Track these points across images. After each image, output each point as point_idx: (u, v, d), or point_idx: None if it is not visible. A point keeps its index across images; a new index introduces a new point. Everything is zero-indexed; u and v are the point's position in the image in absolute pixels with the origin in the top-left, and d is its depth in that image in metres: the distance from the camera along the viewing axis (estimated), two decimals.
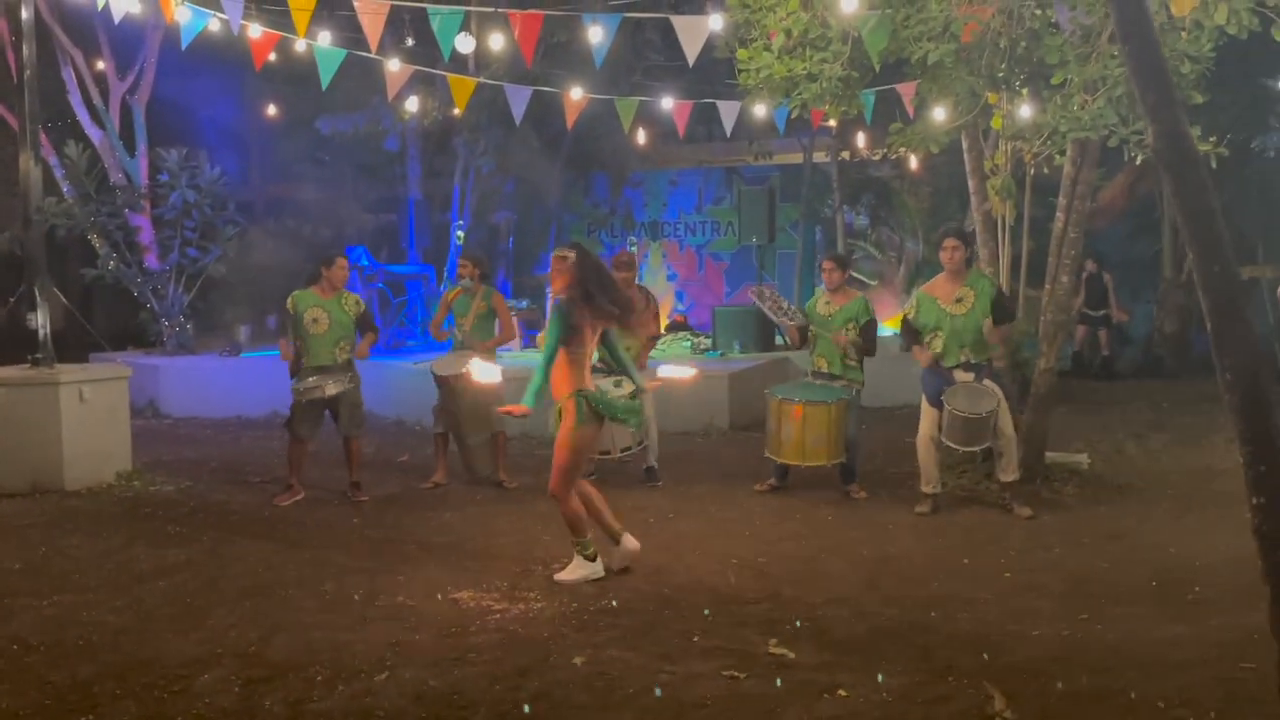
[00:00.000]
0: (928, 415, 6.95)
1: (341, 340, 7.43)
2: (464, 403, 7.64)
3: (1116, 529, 6.45)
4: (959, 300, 6.79)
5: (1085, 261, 12.98)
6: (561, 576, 5.51)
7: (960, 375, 6.81)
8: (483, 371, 6.51)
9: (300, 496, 7.49)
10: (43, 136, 12.48)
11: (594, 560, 5.54)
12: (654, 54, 14.20)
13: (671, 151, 16.53)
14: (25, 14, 7.94)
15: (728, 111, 8.55)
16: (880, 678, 4.08)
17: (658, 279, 18.15)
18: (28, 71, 8.07)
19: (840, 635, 4.64)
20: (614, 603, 5.15)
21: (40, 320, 8.14)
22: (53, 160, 12.60)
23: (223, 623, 4.91)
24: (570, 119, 8.71)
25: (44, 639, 4.70)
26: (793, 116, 6.84)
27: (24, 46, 8.04)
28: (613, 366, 7.82)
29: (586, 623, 4.87)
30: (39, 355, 8.09)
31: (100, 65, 12.99)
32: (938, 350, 6.83)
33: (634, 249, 17.21)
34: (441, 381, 7.68)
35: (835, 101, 6.51)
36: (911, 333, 7.01)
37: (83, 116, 12.98)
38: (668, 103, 8.81)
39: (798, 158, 16.32)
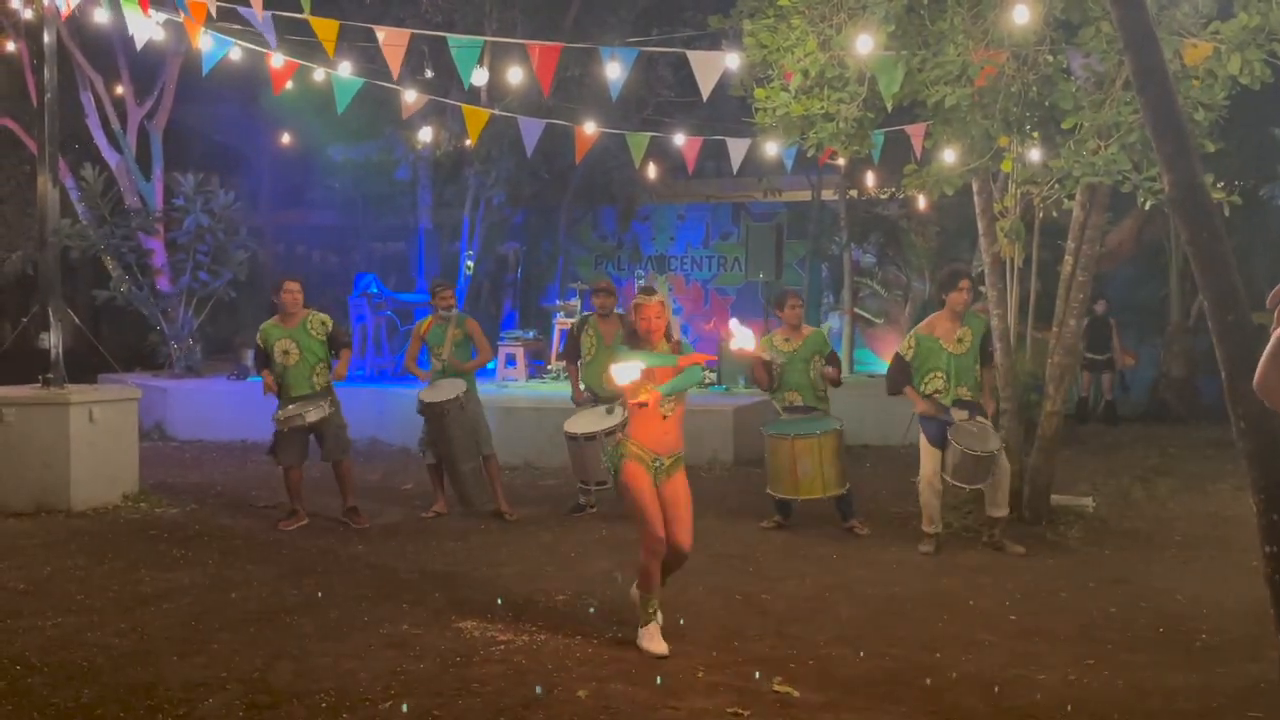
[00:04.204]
0: (930, 455, 6.94)
1: (316, 366, 7.43)
2: (452, 429, 7.59)
3: (1122, 573, 6.43)
4: (959, 340, 6.85)
5: (1096, 302, 13.01)
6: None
7: (956, 414, 6.83)
8: (623, 372, 5.48)
9: (304, 521, 7.49)
10: (60, 159, 12.64)
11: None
12: (666, 89, 14.33)
13: (680, 186, 16.65)
14: (47, 38, 8.05)
15: (737, 148, 8.62)
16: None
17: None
18: (48, 95, 8.16)
19: (844, 674, 4.62)
20: (616, 636, 5.13)
21: (52, 340, 8.17)
22: (69, 182, 12.71)
23: (226, 648, 4.90)
24: (580, 153, 8.78)
25: (47, 660, 4.69)
26: (809, 156, 6.89)
27: (45, 70, 8.14)
28: (600, 395, 7.86)
29: (591, 656, 4.85)
30: (50, 375, 8.13)
31: (119, 90, 13.13)
32: (937, 388, 6.84)
33: (644, 281, 17.28)
34: (429, 410, 7.63)
35: (848, 142, 6.57)
36: (905, 373, 6.99)
37: (100, 140, 13.12)
38: (679, 138, 8.89)
39: (806, 195, 16.43)
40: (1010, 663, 4.78)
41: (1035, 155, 6.84)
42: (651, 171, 12.95)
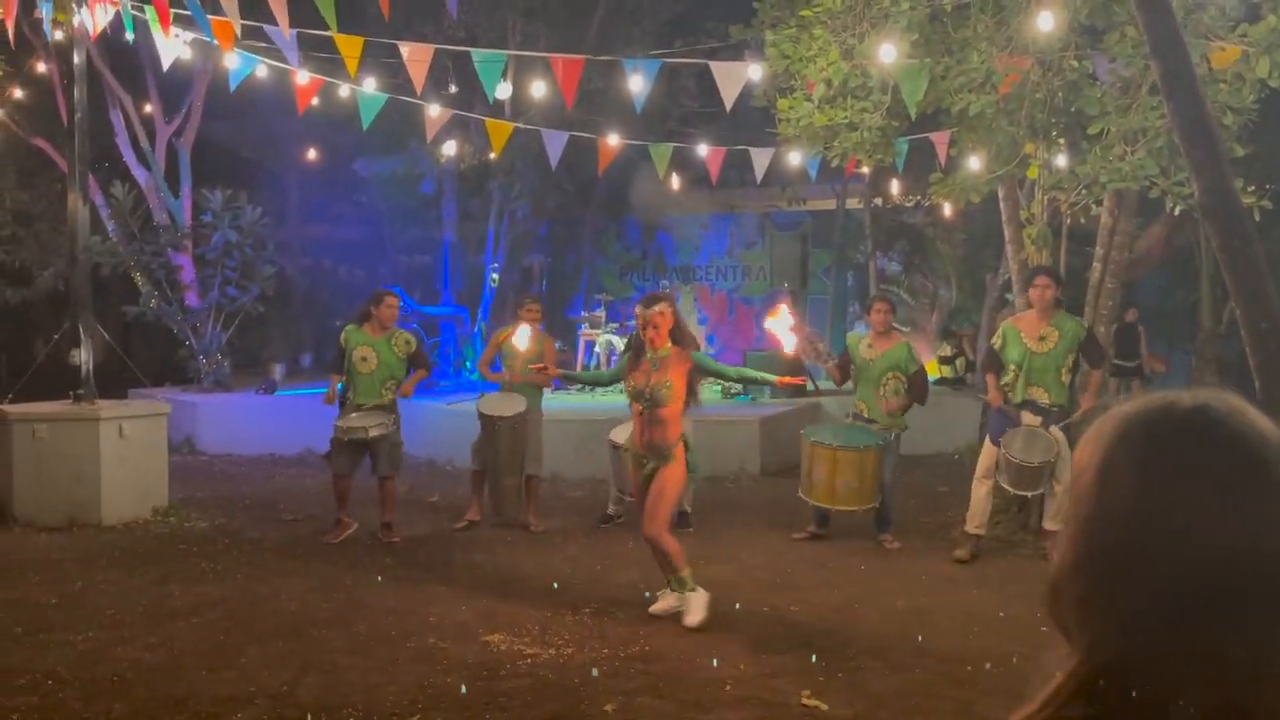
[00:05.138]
0: (986, 453, 6.85)
1: (388, 380, 7.50)
2: (503, 444, 7.63)
3: None
4: (1042, 338, 6.67)
5: (1127, 310, 12.86)
6: (693, 620, 5.43)
7: (1028, 417, 6.70)
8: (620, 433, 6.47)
9: (352, 529, 7.53)
10: (91, 177, 12.83)
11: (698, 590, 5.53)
12: (689, 100, 14.33)
13: (704, 196, 16.64)
14: (77, 58, 8.16)
15: (760, 158, 8.60)
16: None
17: (689, 322, 18.17)
18: (78, 115, 8.27)
19: (874, 688, 4.57)
20: (645, 649, 5.11)
21: (83, 357, 8.26)
22: (99, 200, 12.87)
23: (255, 662, 4.92)
24: (603, 165, 8.79)
25: (78, 675, 4.73)
26: (832, 166, 6.87)
27: (75, 90, 8.25)
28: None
29: (618, 669, 4.83)
30: (81, 391, 8.21)
31: (148, 108, 13.30)
32: (1009, 381, 6.75)
33: (666, 290, 17.26)
34: (487, 421, 7.68)
35: (873, 151, 6.54)
36: (991, 361, 6.93)
37: (130, 158, 13.28)
38: (702, 149, 8.89)
39: (831, 204, 16.37)
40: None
41: (1062, 161, 6.77)
42: (675, 182, 12.94)
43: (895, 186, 14.67)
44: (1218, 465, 0.88)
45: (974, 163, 6.84)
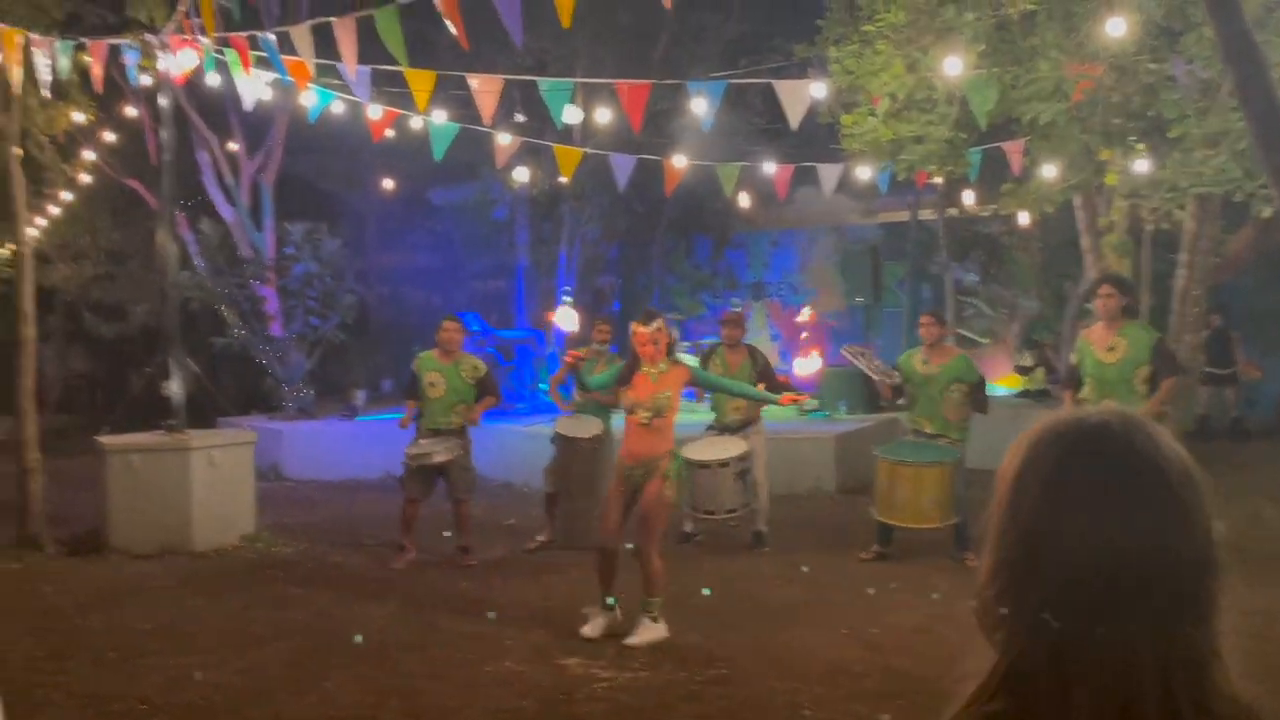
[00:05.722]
0: None
1: (457, 405, 7.62)
2: (578, 466, 7.69)
3: (1253, 601, 6.07)
4: (1111, 349, 6.49)
5: (1211, 315, 12.44)
6: (637, 641, 5.56)
7: None
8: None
9: (412, 556, 7.64)
10: (180, 214, 13.32)
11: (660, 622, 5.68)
12: (756, 117, 14.32)
13: (773, 212, 16.55)
14: (164, 102, 8.49)
15: (828, 174, 8.54)
16: None
17: (761, 339, 18.10)
18: (166, 156, 8.60)
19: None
20: (722, 672, 5.08)
21: (173, 389, 8.55)
22: (188, 236, 13.36)
23: (338, 686, 5.02)
24: (670, 186, 8.83)
25: (169, 699, 4.88)
26: (899, 179, 6.79)
27: (163, 132, 8.58)
28: (725, 424, 7.87)
29: (694, 692, 4.81)
30: (173, 422, 8.49)
31: (233, 146, 13.77)
32: (1086, 396, 6.58)
33: (738, 309, 17.19)
34: (566, 443, 7.74)
35: (941, 163, 6.45)
36: (1072, 379, 6.77)
37: (215, 195, 13.77)
38: (769, 167, 8.86)
39: (903, 215, 16.16)
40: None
41: (1141, 167, 6.59)
42: (744, 199, 12.91)
43: (970, 196, 14.44)
44: (1112, 477, 0.97)
45: (1048, 171, 6.69)
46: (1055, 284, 14.09)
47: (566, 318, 13.73)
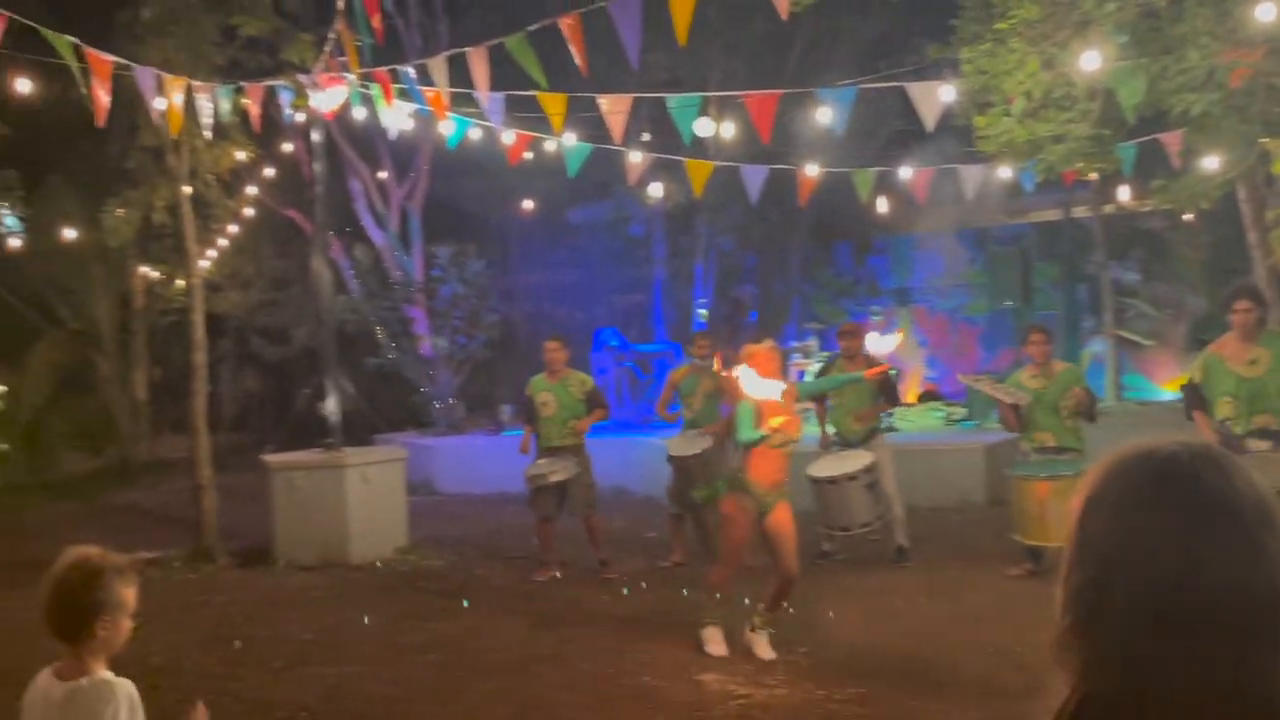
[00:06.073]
0: None
1: (569, 421, 7.75)
2: (698, 483, 7.66)
3: None
4: (1253, 362, 6.07)
5: None
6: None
7: (1255, 444, 6.10)
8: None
9: (555, 573, 7.78)
10: (336, 241, 14.03)
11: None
12: (895, 119, 14.01)
13: (916, 215, 16.14)
14: (316, 136, 8.98)
15: (970, 175, 8.29)
16: None
17: (908, 346, 17.64)
18: (318, 187, 9.08)
19: None
20: (861, 691, 4.98)
21: (330, 409, 9.00)
22: (343, 262, 14.05)
23: (480, 698, 5.16)
24: (804, 196, 8.74)
25: (327, 707, 5.13)
26: (1039, 180, 6.53)
27: (315, 165, 9.07)
28: (846, 438, 7.71)
29: (832, 711, 4.73)
30: (330, 440, 8.93)
31: (382, 175, 14.42)
32: (1227, 415, 6.17)
33: (878, 317, 16.83)
34: (678, 462, 7.75)
35: (1088, 160, 6.16)
36: (1196, 399, 6.37)
37: (367, 221, 14.44)
38: (906, 171, 8.66)
39: (1054, 214, 15.49)
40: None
41: None
42: (884, 204, 12.66)
43: (1126, 191, 13.73)
44: (1178, 511, 0.97)
45: (1209, 163, 6.30)
46: (1223, 280, 13.22)
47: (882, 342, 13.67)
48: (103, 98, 6.43)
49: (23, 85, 6.49)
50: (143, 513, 11.96)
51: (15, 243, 13.01)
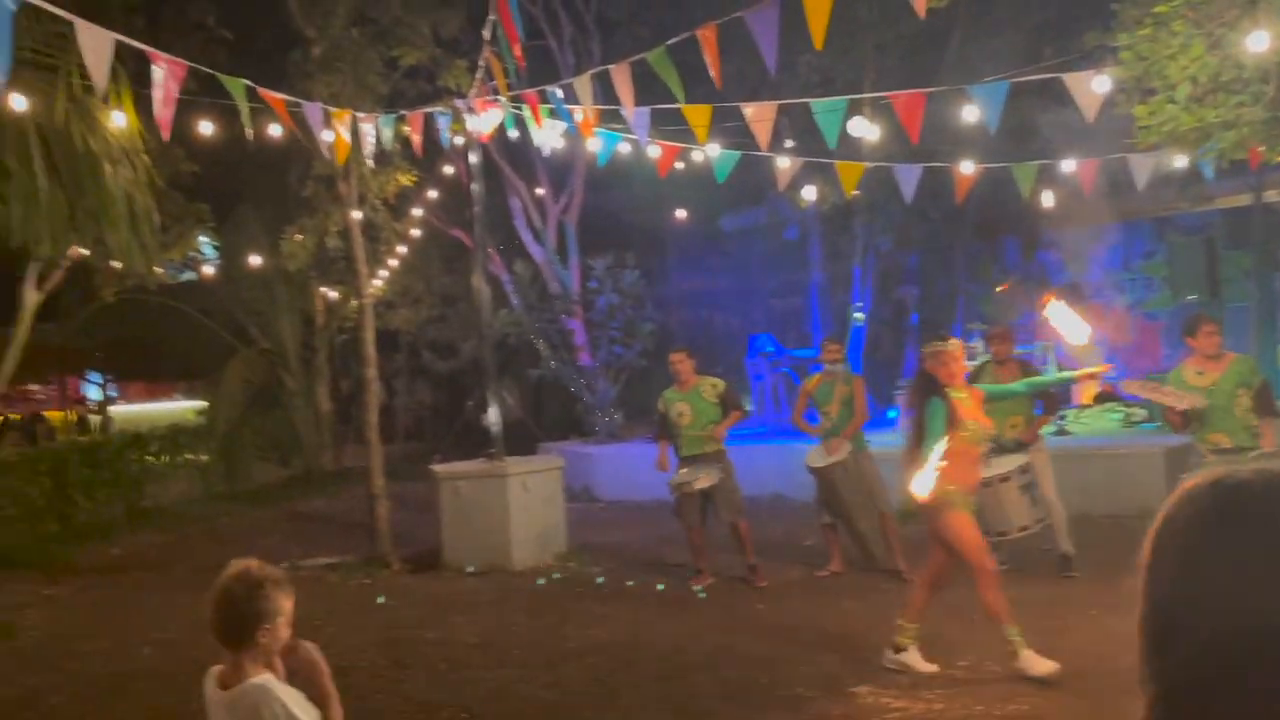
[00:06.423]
0: None
1: (705, 426, 7.74)
2: (843, 491, 7.54)
3: None
4: None
5: None
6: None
7: None
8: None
9: (709, 580, 7.82)
10: (497, 257, 14.53)
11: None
12: (1059, 106, 13.38)
13: (1089, 206, 15.33)
14: (473, 158, 9.35)
15: (1140, 165, 7.84)
16: None
17: (1085, 344, 16.76)
18: (476, 207, 9.45)
19: None
20: (1023, 708, 4.79)
21: (491, 419, 9.33)
22: (505, 277, 14.54)
23: (634, 704, 5.25)
24: (961, 193, 8.48)
25: (488, 709, 5.34)
26: (1214, 170, 6.11)
27: (473, 185, 9.44)
28: (999, 441, 7.40)
29: None
30: (492, 450, 9.27)
31: (539, 191, 14.86)
32: None
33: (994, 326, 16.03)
34: (816, 473, 7.64)
35: (1269, 144, 5.73)
36: None
37: (526, 237, 14.90)
38: (1069, 164, 8.28)
39: (1244, 199, 14.41)
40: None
41: None
42: (1050, 198, 12.11)
43: None
44: (1242, 539, 0.96)
45: None
46: None
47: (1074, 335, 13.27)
48: (276, 132, 6.94)
49: (205, 127, 7.05)
50: (326, 519, 12.71)
51: (209, 270, 14.06)
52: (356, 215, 9.53)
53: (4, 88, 4.34)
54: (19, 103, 6.19)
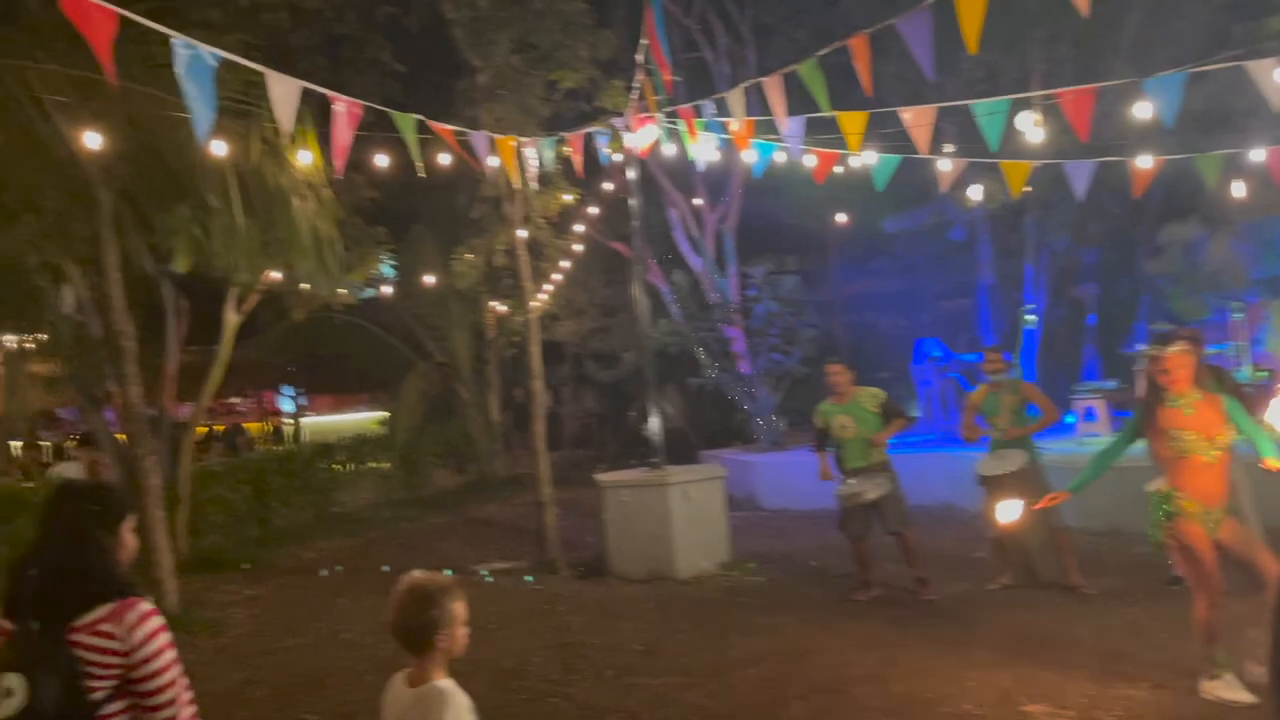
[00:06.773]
0: None
1: (872, 436, 7.62)
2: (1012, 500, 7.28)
3: None
4: None
5: None
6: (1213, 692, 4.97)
7: None
8: (1006, 511, 6.36)
9: (875, 592, 7.71)
10: (656, 268, 14.74)
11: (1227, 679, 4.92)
12: (1251, 88, 12.48)
13: None
14: (631, 174, 9.55)
15: None
16: None
17: None
18: (634, 221, 9.65)
19: None
20: None
21: (652, 428, 9.49)
22: (664, 288, 14.74)
23: (799, 715, 5.26)
24: (1138, 188, 8.04)
25: (653, 715, 5.46)
26: None
27: (631, 200, 9.64)
28: None
29: None
30: (654, 459, 9.43)
31: (697, 202, 14.99)
32: None
33: (1240, 314, 14.94)
34: (988, 483, 7.40)
35: None
36: None
37: (684, 247, 15.06)
38: (1259, 154, 7.74)
39: None
40: None
41: None
42: (1241, 188, 11.33)
43: None
44: None
45: None
46: None
47: None
48: (446, 160, 7.34)
49: (381, 160, 7.50)
50: (498, 524, 13.20)
51: (389, 289, 14.86)
52: (522, 234, 9.90)
53: (209, 137, 4.76)
54: (220, 148, 6.76)
